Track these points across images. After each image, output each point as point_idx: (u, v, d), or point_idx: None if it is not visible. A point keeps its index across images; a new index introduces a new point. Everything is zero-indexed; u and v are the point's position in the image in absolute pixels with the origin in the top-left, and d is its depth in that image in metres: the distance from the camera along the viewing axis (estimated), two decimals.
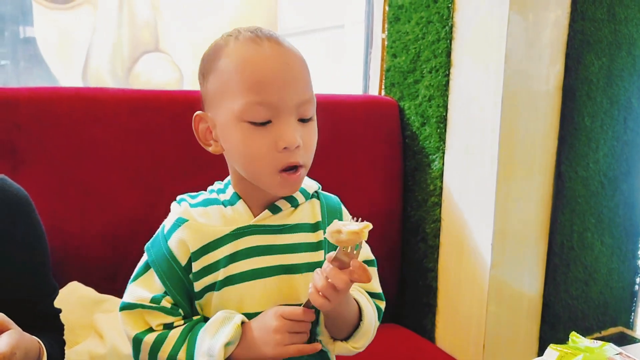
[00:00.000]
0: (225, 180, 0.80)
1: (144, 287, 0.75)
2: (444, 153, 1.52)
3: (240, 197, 0.76)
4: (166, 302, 0.74)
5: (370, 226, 0.65)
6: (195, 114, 0.76)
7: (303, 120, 0.71)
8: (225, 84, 0.70)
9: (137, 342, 0.73)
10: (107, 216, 1.27)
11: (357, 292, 0.79)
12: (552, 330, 1.48)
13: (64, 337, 0.93)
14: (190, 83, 2.29)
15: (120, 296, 1.21)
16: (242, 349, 0.71)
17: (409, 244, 1.64)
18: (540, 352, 1.49)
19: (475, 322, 1.46)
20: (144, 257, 0.77)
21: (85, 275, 1.21)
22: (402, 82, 1.63)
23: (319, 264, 0.73)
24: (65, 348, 0.92)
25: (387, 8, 1.66)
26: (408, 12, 1.58)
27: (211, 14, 2.35)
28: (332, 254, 0.67)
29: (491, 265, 1.40)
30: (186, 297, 0.75)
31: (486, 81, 1.38)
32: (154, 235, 0.78)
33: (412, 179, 1.62)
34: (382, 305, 0.83)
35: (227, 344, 0.70)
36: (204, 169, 0.91)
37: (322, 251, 0.78)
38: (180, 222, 0.75)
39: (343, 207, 0.84)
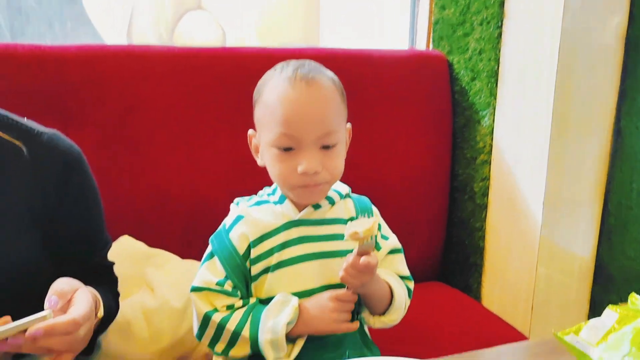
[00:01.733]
0: (273, 186, 0.94)
1: (210, 272, 0.88)
2: (494, 109, 1.46)
3: (286, 198, 0.90)
4: (228, 286, 0.87)
5: (378, 221, 0.82)
6: (249, 132, 0.92)
7: (326, 147, 0.84)
8: (264, 116, 0.86)
9: (206, 319, 0.86)
10: (155, 173, 1.28)
11: (389, 275, 0.93)
12: (604, 292, 1.44)
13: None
14: (233, 41, 2.27)
15: (171, 251, 1.24)
16: (300, 326, 0.85)
17: (456, 202, 1.61)
18: (592, 314, 1.46)
19: (523, 283, 1.43)
20: (209, 248, 0.91)
21: (135, 230, 1.23)
22: (451, 35, 1.56)
23: (352, 251, 0.86)
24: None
25: None
26: None
27: None
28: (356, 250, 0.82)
29: (542, 225, 1.36)
30: (243, 281, 0.88)
31: (542, 33, 1.30)
32: (216, 230, 0.92)
33: (460, 136, 1.58)
34: (411, 285, 0.96)
35: (288, 323, 0.83)
36: (248, 125, 0.91)
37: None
38: (239, 218, 0.90)
39: (373, 206, 0.97)
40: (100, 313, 0.81)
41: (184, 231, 1.31)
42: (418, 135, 1.53)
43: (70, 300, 0.71)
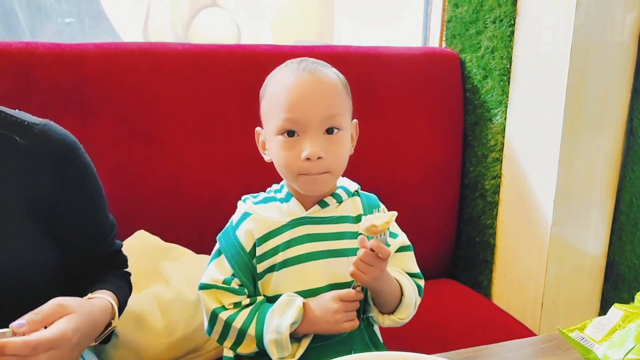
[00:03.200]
0: (281, 183, 0.94)
1: (217, 270, 0.89)
2: (506, 107, 1.47)
3: (292, 195, 0.90)
4: (235, 284, 0.88)
5: (396, 214, 0.80)
6: (256, 129, 0.92)
7: (330, 132, 0.84)
8: (268, 107, 0.87)
9: (214, 316, 0.87)
10: (170, 168, 1.31)
11: (397, 272, 0.92)
12: (615, 290, 1.44)
13: (131, 280, 0.97)
14: (248, 38, 2.29)
15: (185, 245, 1.27)
16: (304, 326, 0.85)
17: (467, 200, 1.62)
18: (602, 312, 1.46)
19: (533, 281, 1.44)
20: (217, 245, 0.91)
21: (151, 225, 1.26)
22: (464, 33, 1.57)
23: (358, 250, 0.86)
24: (133, 292, 0.97)
25: None
26: None
27: None
28: (365, 242, 0.81)
29: (553, 223, 1.36)
30: (250, 278, 0.89)
31: (555, 31, 1.31)
32: (224, 228, 0.92)
33: (472, 134, 1.58)
34: (422, 283, 0.95)
35: (292, 324, 0.83)
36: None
37: None
38: (246, 215, 0.90)
39: (381, 204, 0.96)
40: (115, 322, 0.83)
41: (198, 226, 1.33)
42: (429, 133, 1.54)
43: (49, 325, 0.68)
